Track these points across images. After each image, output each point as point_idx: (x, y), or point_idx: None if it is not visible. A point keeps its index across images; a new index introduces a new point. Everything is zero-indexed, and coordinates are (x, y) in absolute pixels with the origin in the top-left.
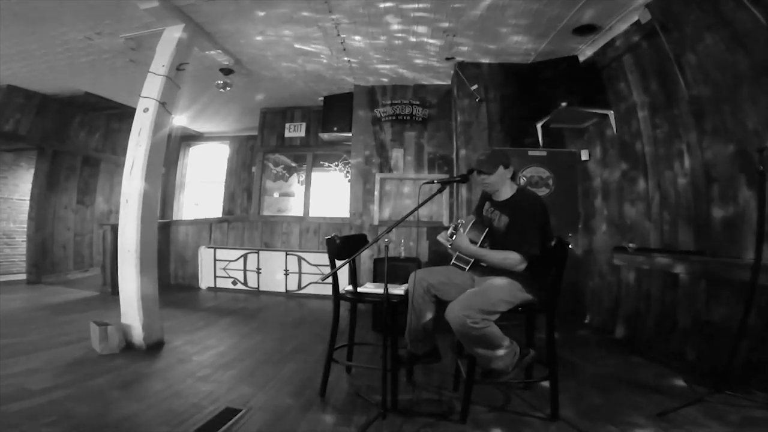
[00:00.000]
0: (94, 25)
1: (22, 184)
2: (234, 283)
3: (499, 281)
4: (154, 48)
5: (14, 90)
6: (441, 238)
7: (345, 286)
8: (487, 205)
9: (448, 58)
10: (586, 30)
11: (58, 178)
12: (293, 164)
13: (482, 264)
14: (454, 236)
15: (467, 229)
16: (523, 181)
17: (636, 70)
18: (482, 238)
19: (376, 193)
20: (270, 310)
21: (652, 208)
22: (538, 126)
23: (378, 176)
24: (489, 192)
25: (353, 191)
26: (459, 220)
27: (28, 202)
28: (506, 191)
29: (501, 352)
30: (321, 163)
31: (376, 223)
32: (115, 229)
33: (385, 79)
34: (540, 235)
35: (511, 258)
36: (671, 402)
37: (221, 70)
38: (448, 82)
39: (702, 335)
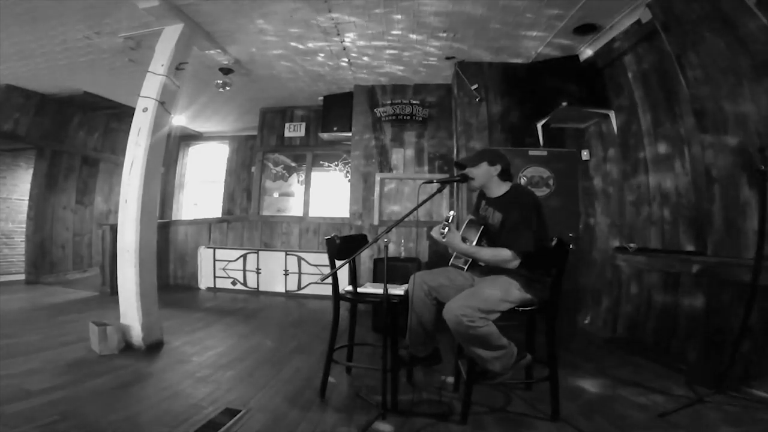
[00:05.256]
0: (93, 24)
1: (21, 183)
2: (233, 283)
3: (499, 281)
4: (153, 47)
5: (13, 89)
6: (434, 233)
7: (345, 286)
8: (483, 203)
9: (448, 58)
10: (587, 29)
11: (57, 178)
12: (293, 164)
13: (480, 264)
14: (447, 229)
15: (463, 227)
16: (523, 181)
17: (637, 69)
18: (478, 236)
19: (376, 193)
20: (269, 311)
21: (653, 207)
22: (539, 126)
23: (378, 176)
24: (474, 187)
25: (353, 191)
26: (451, 212)
27: (26, 202)
28: (499, 188)
29: (498, 353)
30: (321, 162)
31: (376, 223)
32: (114, 229)
33: (385, 79)
34: (533, 231)
35: (503, 255)
36: (672, 403)
37: (221, 69)
38: (448, 81)
39: (703, 335)
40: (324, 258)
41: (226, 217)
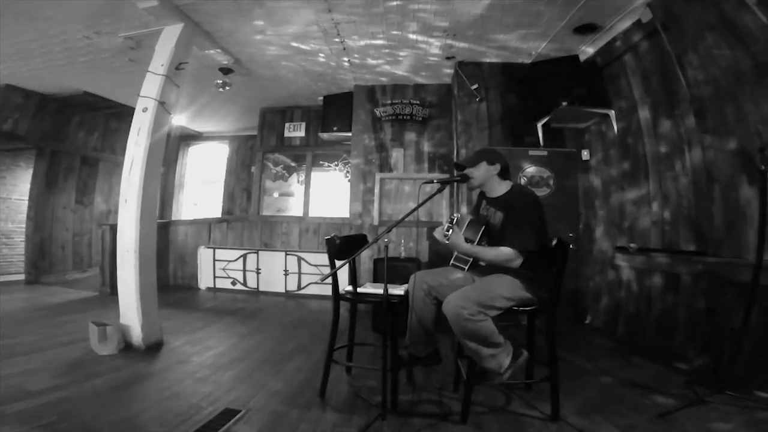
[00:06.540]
0: (93, 24)
1: (21, 183)
2: (233, 283)
3: (500, 278)
4: (153, 47)
5: (13, 89)
6: (437, 234)
7: (345, 286)
8: (484, 203)
9: (448, 58)
10: (587, 29)
11: (57, 178)
12: (293, 164)
13: (481, 263)
14: (451, 230)
15: (464, 227)
16: (523, 180)
17: (637, 69)
18: (479, 236)
19: (376, 193)
20: (269, 311)
21: (653, 207)
22: (539, 125)
23: (378, 176)
24: (474, 187)
25: (353, 191)
26: (455, 214)
27: (26, 202)
28: (499, 188)
29: (494, 350)
30: (321, 162)
31: (376, 223)
32: (114, 229)
33: (385, 79)
34: (534, 230)
35: (505, 253)
36: (672, 403)
37: (220, 69)
38: (448, 81)
39: (703, 336)
40: (324, 258)
41: (226, 217)
